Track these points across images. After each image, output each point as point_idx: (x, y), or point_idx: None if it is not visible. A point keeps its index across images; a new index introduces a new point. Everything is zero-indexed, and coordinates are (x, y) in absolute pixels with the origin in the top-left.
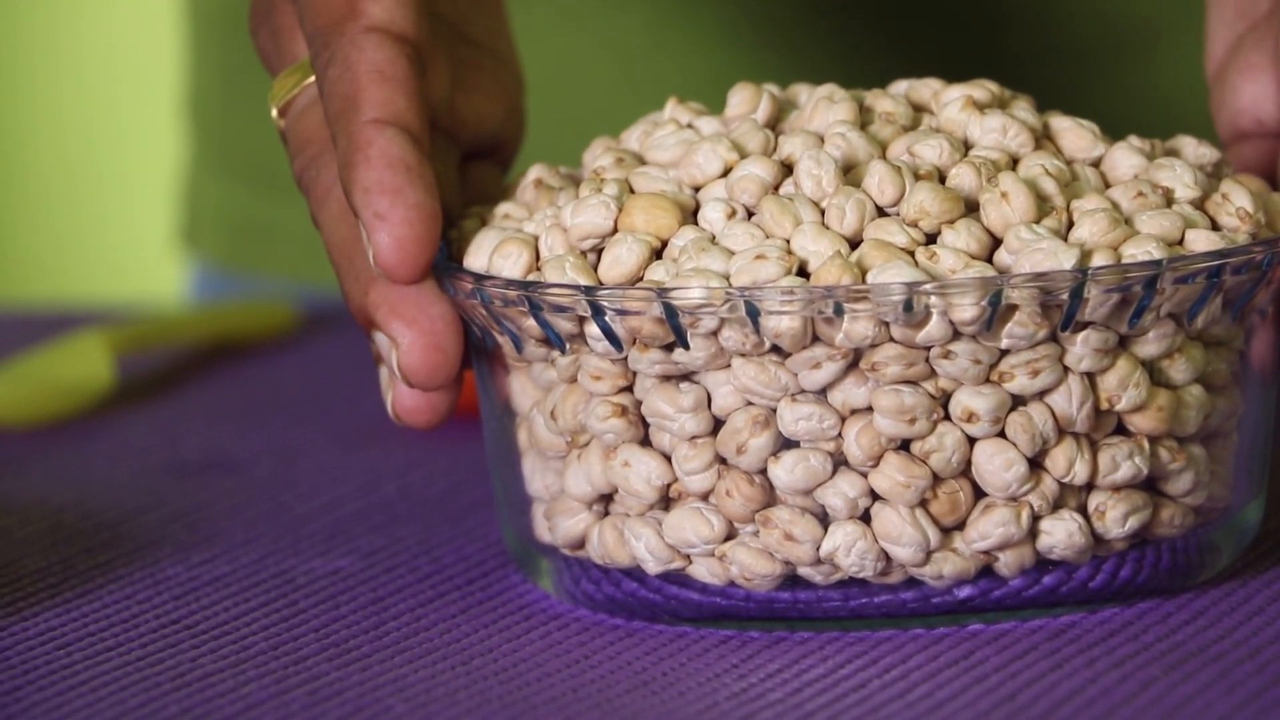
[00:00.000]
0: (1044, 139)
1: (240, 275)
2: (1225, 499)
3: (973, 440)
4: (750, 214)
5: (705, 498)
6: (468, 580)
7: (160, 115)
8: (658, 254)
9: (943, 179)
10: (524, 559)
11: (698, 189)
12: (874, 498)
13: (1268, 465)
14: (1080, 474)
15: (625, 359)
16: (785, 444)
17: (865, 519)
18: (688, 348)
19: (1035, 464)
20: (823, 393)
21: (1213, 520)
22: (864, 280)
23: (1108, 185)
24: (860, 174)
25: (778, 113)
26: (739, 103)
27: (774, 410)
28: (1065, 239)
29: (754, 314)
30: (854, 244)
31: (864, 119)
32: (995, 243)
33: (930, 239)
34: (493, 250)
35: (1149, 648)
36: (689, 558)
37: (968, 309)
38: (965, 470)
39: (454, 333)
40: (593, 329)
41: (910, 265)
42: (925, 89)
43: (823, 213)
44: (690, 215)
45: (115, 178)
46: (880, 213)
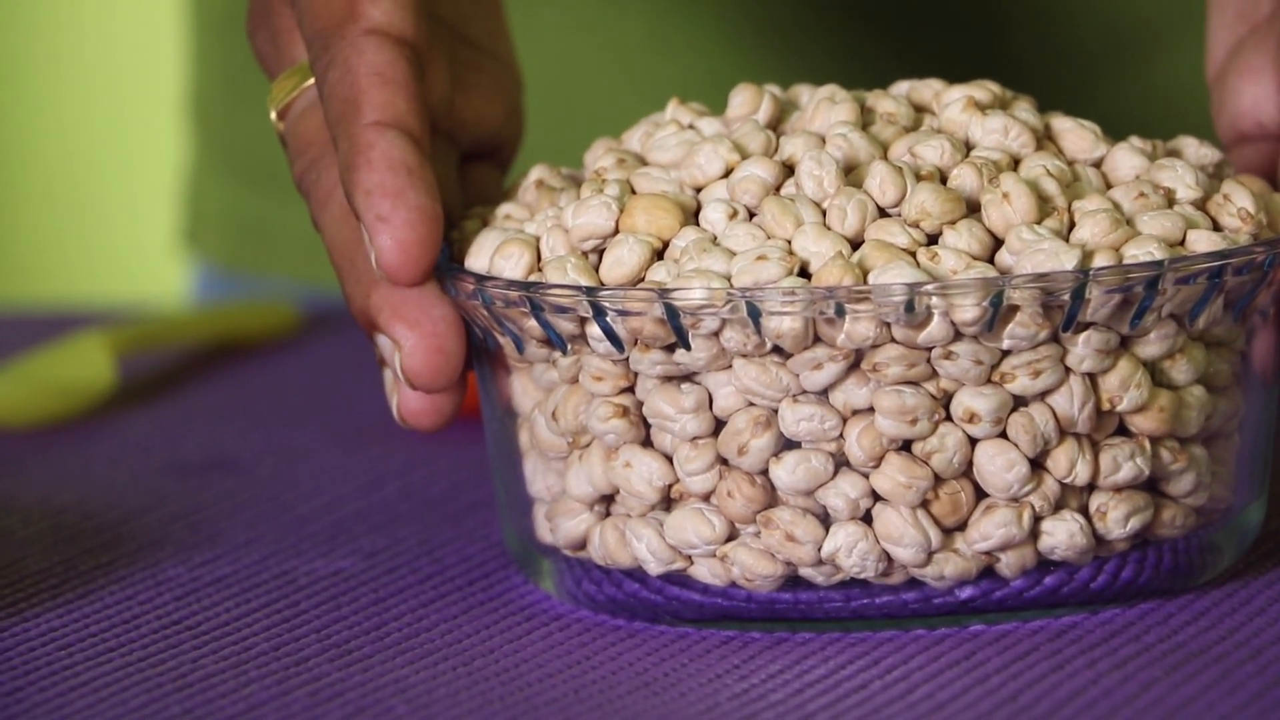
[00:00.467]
0: (1045, 140)
1: (243, 276)
2: (1227, 500)
3: (974, 441)
4: (752, 215)
5: (707, 498)
6: (469, 581)
7: (162, 116)
8: (659, 255)
9: (944, 180)
10: (525, 560)
11: (699, 190)
12: (875, 498)
13: (1269, 466)
14: (1082, 475)
15: (627, 360)
16: (787, 445)
17: (867, 520)
18: (689, 348)
19: (1037, 465)
20: (824, 393)
21: (1214, 521)
22: (865, 281)
23: (1109, 186)
24: (862, 175)
25: (779, 113)
26: (740, 103)
27: (775, 411)
28: (1067, 240)
29: (755, 315)
30: (855, 245)
31: (865, 120)
32: (997, 243)
33: (932, 240)
34: (494, 251)
35: (1150, 648)
36: (690, 559)
37: (969, 310)
38: (967, 471)
39: (456, 334)
40: (594, 330)
41: (912, 266)
42: (927, 90)
43: (824, 213)
44: (692, 216)
45: (118, 178)
46: (882, 213)
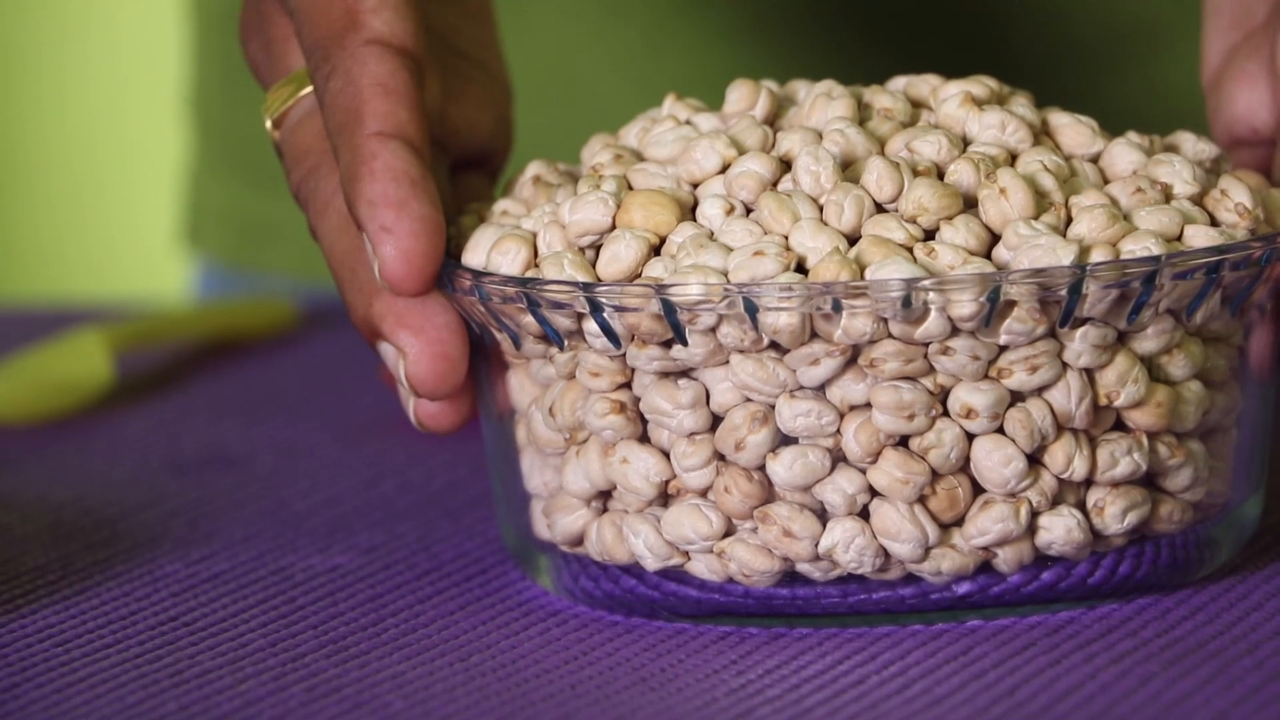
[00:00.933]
0: (1042, 135)
1: (243, 273)
2: (1224, 494)
3: (971, 436)
4: (749, 210)
5: (704, 494)
6: (466, 577)
7: (163, 113)
8: (656, 250)
9: (941, 175)
10: (523, 555)
11: (696, 185)
12: (873, 494)
13: (1266, 461)
14: (1079, 470)
15: (624, 355)
16: (784, 440)
17: (864, 515)
18: (686, 344)
19: (1034, 460)
20: (821, 389)
21: (1212, 516)
22: (862, 276)
23: (1106, 181)
24: (859, 170)
25: (776, 109)
26: (737, 99)
27: (772, 406)
28: (1064, 235)
29: (752, 310)
30: (852, 240)
31: (862, 115)
32: (994, 239)
33: (929, 235)
34: (491, 247)
35: (1148, 644)
36: (687, 554)
37: (966, 305)
38: (964, 466)
39: (460, 340)
40: (591, 326)
41: (909, 261)
42: (924, 85)
43: (821, 209)
44: (689, 212)
45: (119, 176)
46: (879, 209)
